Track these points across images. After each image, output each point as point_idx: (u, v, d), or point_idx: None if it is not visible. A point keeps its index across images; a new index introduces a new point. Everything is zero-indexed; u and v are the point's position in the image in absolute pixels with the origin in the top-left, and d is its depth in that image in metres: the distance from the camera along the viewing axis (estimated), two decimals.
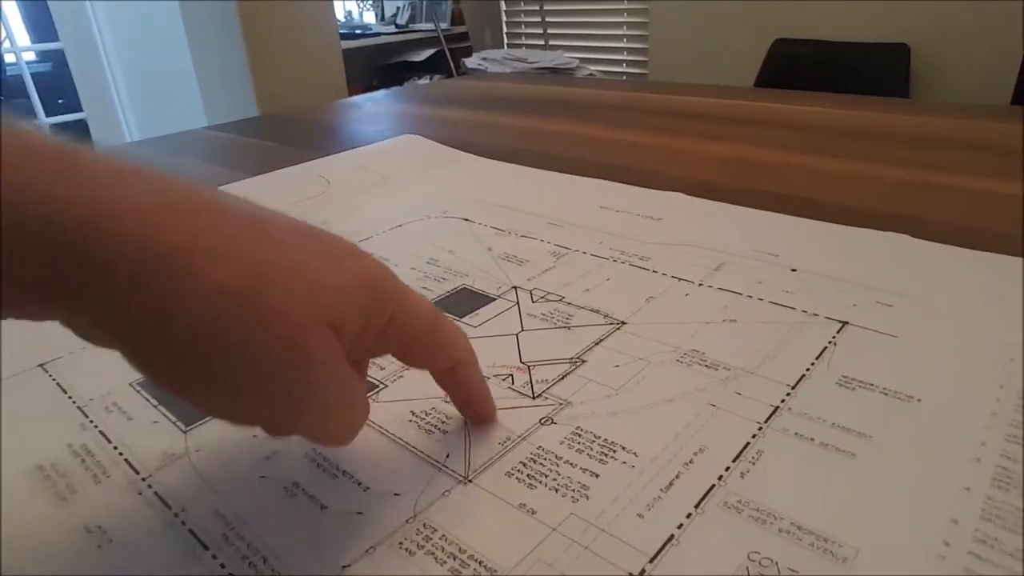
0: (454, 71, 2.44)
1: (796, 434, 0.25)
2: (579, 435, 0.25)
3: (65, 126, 2.72)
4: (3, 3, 2.56)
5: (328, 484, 0.23)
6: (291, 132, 0.82)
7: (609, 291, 0.36)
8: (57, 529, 0.22)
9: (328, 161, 0.64)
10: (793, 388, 0.27)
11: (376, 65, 2.73)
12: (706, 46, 2.09)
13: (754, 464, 0.23)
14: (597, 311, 0.34)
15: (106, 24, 2.50)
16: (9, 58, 3.03)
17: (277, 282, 0.18)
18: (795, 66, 1.69)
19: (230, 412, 0.19)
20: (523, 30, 2.64)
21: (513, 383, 0.29)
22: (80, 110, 2.62)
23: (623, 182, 0.53)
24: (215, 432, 0.26)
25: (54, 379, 0.31)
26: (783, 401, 0.26)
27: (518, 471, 0.24)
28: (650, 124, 0.75)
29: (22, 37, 3.01)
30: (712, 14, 2.04)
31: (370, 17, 3.07)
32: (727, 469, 0.23)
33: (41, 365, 0.32)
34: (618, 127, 0.74)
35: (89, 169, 0.17)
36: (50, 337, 0.33)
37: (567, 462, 0.24)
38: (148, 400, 0.28)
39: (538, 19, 2.51)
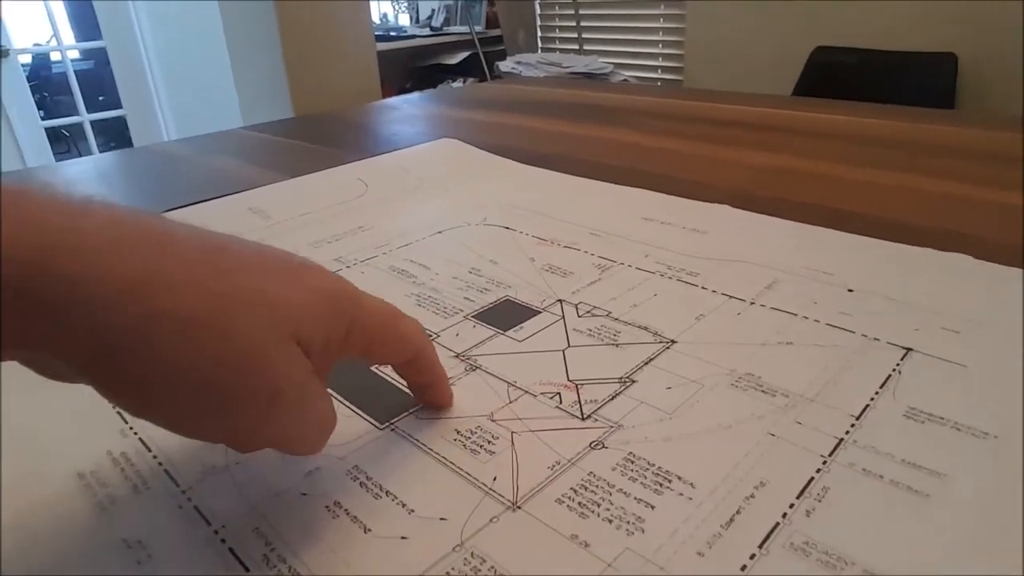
0: (487, 74, 2.44)
1: (864, 470, 0.23)
2: (632, 461, 0.24)
3: (105, 123, 2.78)
4: (51, 2, 2.62)
5: (371, 505, 0.23)
6: (327, 133, 0.82)
7: (657, 307, 0.35)
8: (97, 541, 0.22)
9: (366, 164, 0.63)
10: (857, 419, 0.26)
11: (410, 67, 2.74)
12: (743, 53, 2.05)
13: (820, 502, 0.22)
14: (645, 328, 0.33)
15: (147, 24, 2.54)
16: (54, 56, 3.10)
17: (239, 308, 0.18)
18: (835, 75, 1.65)
19: (200, 432, 0.20)
20: (557, 34, 2.63)
21: (561, 402, 0.28)
22: (120, 107, 2.67)
23: (665, 192, 0.52)
24: None
25: None
26: (847, 433, 0.25)
27: (569, 498, 0.23)
28: (690, 132, 0.73)
29: (67, 35, 3.08)
30: (750, 21, 2.01)
31: (405, 19, 3.09)
32: (791, 506, 0.22)
33: None
34: (657, 134, 0.73)
35: (36, 207, 0.16)
36: None
37: (620, 491, 0.23)
38: None
39: (573, 23, 2.50)
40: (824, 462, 0.24)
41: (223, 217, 0.51)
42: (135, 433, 0.27)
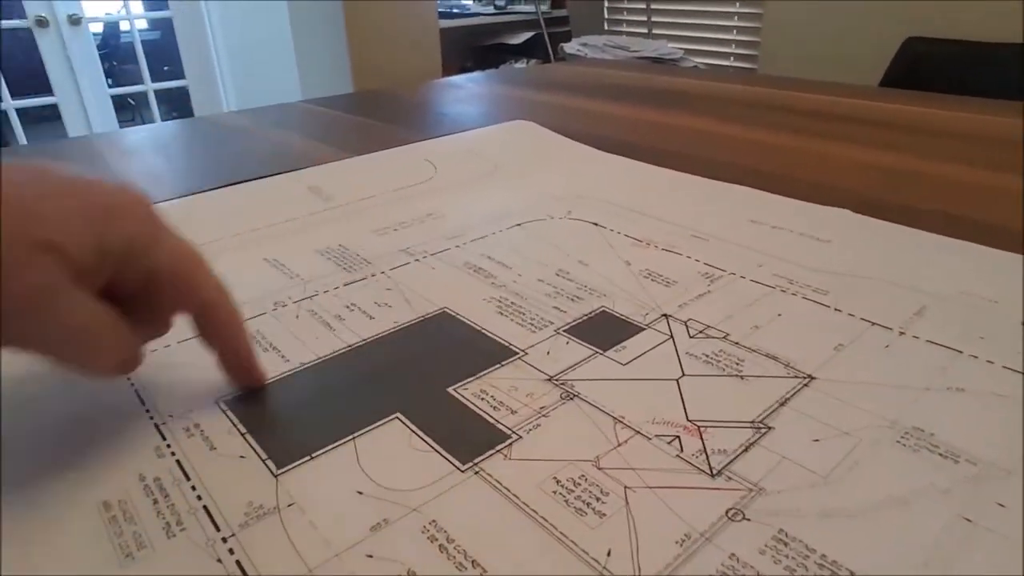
0: (551, 56, 2.37)
1: None
2: (784, 543, 0.19)
3: (168, 92, 2.81)
4: None
5: None
6: (390, 110, 0.77)
7: (784, 331, 0.29)
8: None
9: (433, 144, 0.59)
10: None
11: (471, 46, 2.69)
12: (825, 42, 1.93)
13: None
14: (775, 358, 0.27)
15: None
16: (124, 26, 3.15)
17: None
18: (929, 68, 1.53)
19: None
20: (625, 16, 2.54)
21: (682, 450, 0.22)
22: (183, 77, 2.69)
23: (769, 190, 0.46)
24: (311, 481, 0.21)
25: (132, 383, 0.26)
26: None
27: None
28: (790, 124, 0.66)
29: (137, 6, 3.12)
30: (836, 8, 1.89)
31: None
32: None
33: None
34: (752, 125, 0.66)
35: None
36: None
37: None
38: (235, 426, 0.24)
39: (642, 5, 2.40)
40: None
41: (280, 196, 0.47)
42: (173, 454, 0.22)
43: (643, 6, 2.39)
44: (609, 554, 0.19)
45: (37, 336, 0.20)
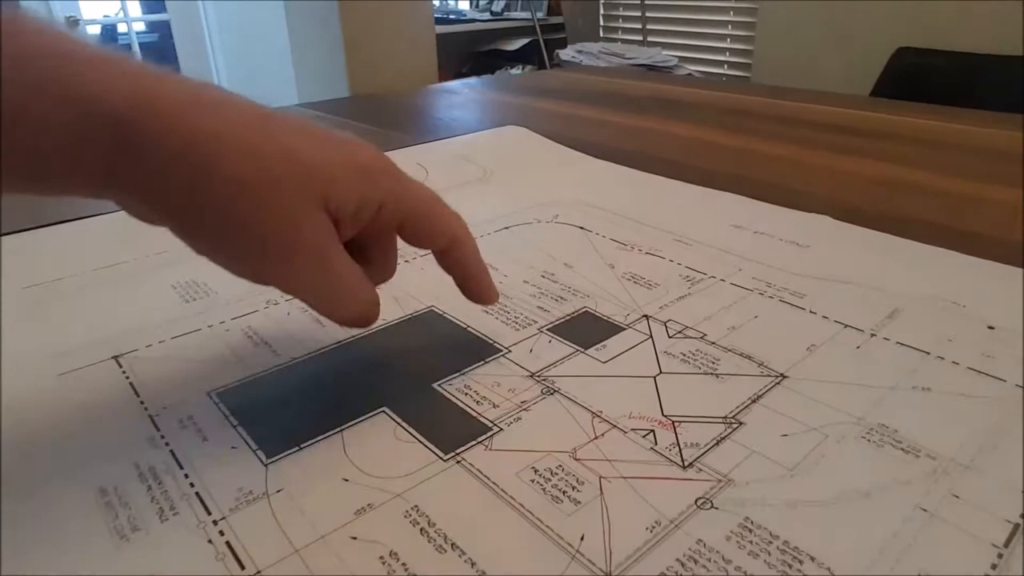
0: (546, 62, 2.39)
1: None
2: (749, 530, 0.20)
3: None
4: None
5: (433, 560, 0.19)
6: (385, 114, 0.78)
7: (760, 332, 0.30)
8: None
9: (426, 148, 0.60)
10: None
11: (467, 52, 2.70)
12: (818, 51, 1.96)
13: None
14: (749, 357, 0.28)
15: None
16: (122, 28, 3.15)
17: (275, 169, 0.21)
18: (919, 79, 1.55)
19: (247, 275, 0.23)
20: (620, 24, 2.56)
21: (656, 443, 0.23)
22: None
23: (754, 197, 0.47)
24: (299, 470, 0.22)
25: (127, 377, 0.27)
26: None
27: (676, 574, 0.18)
28: (779, 133, 0.68)
29: (135, 8, 3.12)
30: (830, 18, 1.91)
31: (465, 3, 3.05)
32: None
33: (115, 357, 0.28)
34: (739, 133, 0.67)
35: (126, 65, 0.20)
36: (128, 326, 0.30)
37: (739, 569, 0.18)
38: (227, 418, 0.25)
39: (638, 13, 2.42)
40: (1000, 555, 0.19)
41: None
42: (167, 444, 0.23)
43: (638, 14, 2.41)
44: (582, 539, 0.19)
45: (304, 285, 0.23)
